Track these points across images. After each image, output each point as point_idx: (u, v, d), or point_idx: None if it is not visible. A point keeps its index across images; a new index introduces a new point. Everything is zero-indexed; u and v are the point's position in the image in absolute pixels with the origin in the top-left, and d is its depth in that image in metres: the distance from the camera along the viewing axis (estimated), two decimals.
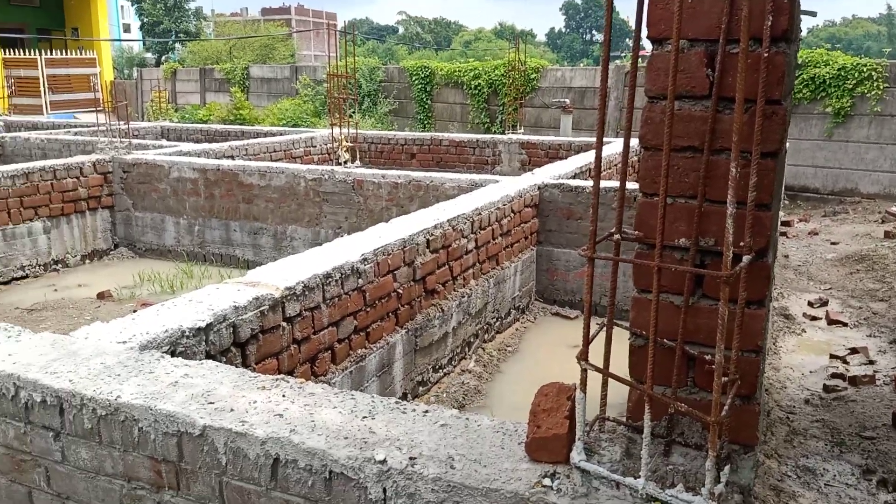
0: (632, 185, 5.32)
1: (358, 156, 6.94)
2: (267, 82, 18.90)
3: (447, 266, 4.29)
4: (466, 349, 4.64)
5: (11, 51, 21.40)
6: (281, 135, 10.55)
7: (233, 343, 2.70)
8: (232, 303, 2.70)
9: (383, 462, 1.62)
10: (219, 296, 2.78)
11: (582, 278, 5.60)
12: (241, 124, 14.84)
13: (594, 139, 9.78)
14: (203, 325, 2.53)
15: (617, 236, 1.54)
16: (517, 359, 4.89)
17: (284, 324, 2.98)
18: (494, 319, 5.02)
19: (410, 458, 1.62)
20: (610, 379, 1.56)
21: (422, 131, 13.42)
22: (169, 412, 1.85)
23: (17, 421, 2.09)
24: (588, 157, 7.26)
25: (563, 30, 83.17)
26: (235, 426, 1.78)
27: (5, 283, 6.67)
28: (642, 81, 1.52)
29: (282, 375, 2.08)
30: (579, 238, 5.56)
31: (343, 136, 8.67)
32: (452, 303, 4.36)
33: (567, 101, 11.45)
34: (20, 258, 6.79)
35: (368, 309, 3.56)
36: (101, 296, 6.15)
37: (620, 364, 1.58)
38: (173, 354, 2.39)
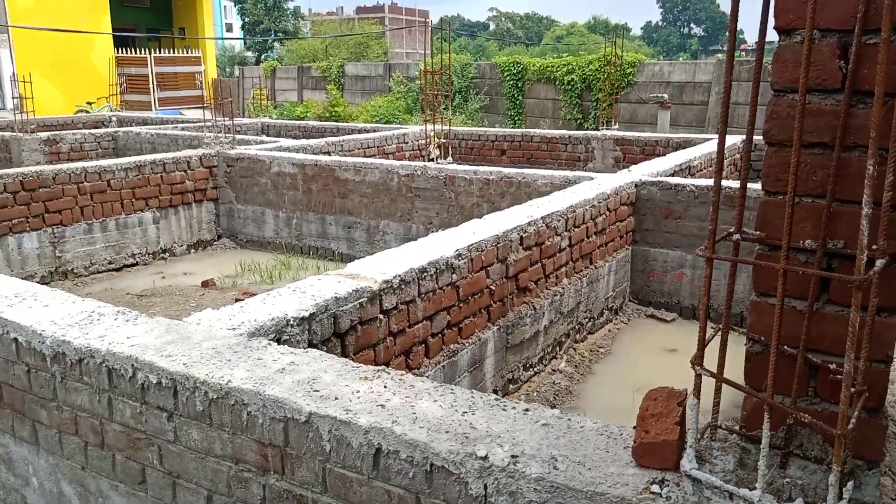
0: (728, 183, 5.09)
1: (450, 152, 6.96)
2: (361, 80, 19.30)
3: (540, 264, 4.25)
4: (557, 349, 4.59)
5: (124, 50, 22.71)
6: (374, 131, 10.74)
7: (333, 333, 2.77)
8: (333, 294, 2.77)
9: (485, 458, 1.61)
10: (320, 287, 2.85)
11: (679, 280, 5.42)
12: (335, 121, 15.23)
13: (694, 136, 9.49)
14: (306, 314, 2.61)
15: (737, 236, 1.47)
16: (610, 360, 4.79)
17: (381, 316, 3.03)
18: (587, 319, 4.94)
19: (512, 457, 1.61)
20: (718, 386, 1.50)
21: (512, 127, 13.37)
22: (277, 398, 1.91)
23: (134, 401, 2.22)
24: (688, 154, 7.02)
25: (660, 23, 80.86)
26: (340, 414, 1.82)
27: (117, 270, 7.09)
28: (741, 76, 1.45)
29: (382, 367, 2.11)
30: (677, 238, 5.38)
31: (434, 133, 8.74)
32: (545, 301, 4.32)
33: (665, 96, 11.12)
34: (131, 246, 7.20)
35: (461, 304, 3.57)
36: (205, 284, 6.44)
37: (728, 370, 1.51)
38: (278, 342, 2.47)
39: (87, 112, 18.12)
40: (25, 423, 2.55)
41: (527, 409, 1.82)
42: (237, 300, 5.85)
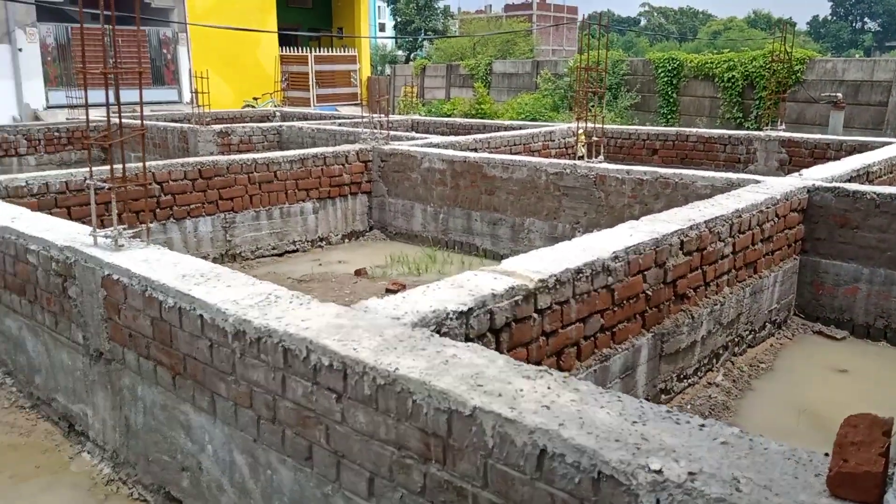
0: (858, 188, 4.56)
1: (602, 151, 6.80)
2: (508, 77, 19.33)
3: (700, 270, 4.05)
4: (714, 361, 4.36)
5: (287, 49, 24.13)
6: (520, 129, 10.72)
7: (488, 329, 2.78)
8: (490, 290, 2.78)
9: (659, 472, 1.55)
10: (478, 282, 2.88)
11: (853, 295, 4.98)
12: (482, 118, 15.36)
13: (871, 139, 8.68)
14: (465, 309, 2.64)
15: None
16: (771, 377, 4.49)
17: (535, 315, 3.01)
18: (747, 332, 4.65)
19: (689, 473, 1.53)
20: None
21: (665, 126, 12.87)
22: (442, 389, 1.94)
23: (306, 381, 2.33)
24: (866, 159, 6.43)
25: (829, 17, 74.80)
26: (504, 412, 1.82)
27: (279, 255, 7.55)
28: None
29: (545, 368, 2.09)
30: (853, 249, 4.94)
31: (583, 131, 8.59)
32: (703, 310, 4.11)
33: (839, 95, 10.26)
34: (293, 234, 7.64)
35: (616, 308, 3.47)
36: (357, 272, 6.71)
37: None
38: (439, 333, 2.51)
39: (253, 107, 19.45)
40: (205, 394, 2.77)
41: (703, 425, 1.74)
42: (387, 290, 6.08)
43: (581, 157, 8.12)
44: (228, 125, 11.63)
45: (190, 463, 2.91)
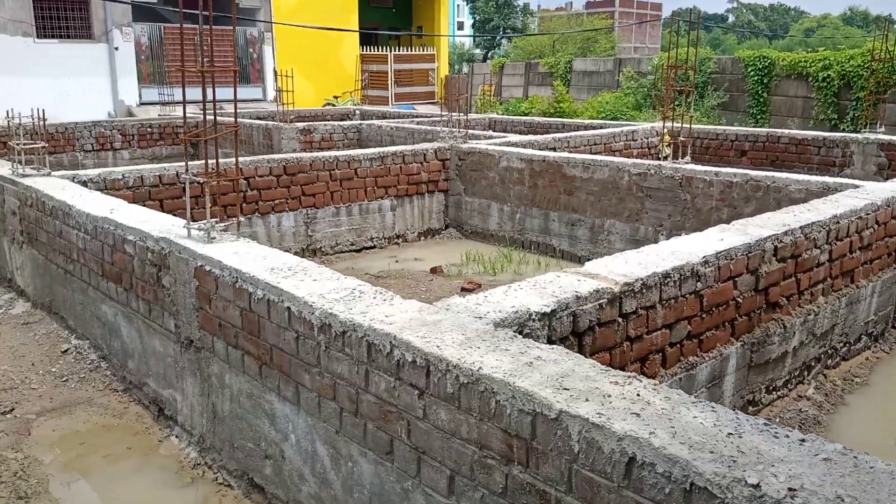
0: None
1: (689, 151, 6.60)
2: (588, 75, 19.04)
3: (794, 278, 3.87)
4: (805, 373, 4.16)
5: (367, 48, 24.50)
6: (601, 128, 10.53)
7: (571, 332, 2.73)
8: (574, 292, 2.73)
9: (756, 487, 1.48)
10: (561, 284, 2.83)
11: None
12: (560, 117, 15.19)
13: None
14: (548, 310, 2.60)
15: None
16: (866, 392, 4.25)
17: (620, 319, 2.94)
18: (842, 344, 4.42)
19: (790, 489, 1.46)
20: None
21: (754, 126, 12.39)
22: (526, 391, 1.92)
23: (389, 375, 2.35)
24: None
25: None
26: (592, 417, 1.78)
27: (357, 251, 7.68)
28: None
29: (633, 374, 2.03)
30: None
31: (667, 131, 8.35)
32: (796, 319, 3.93)
33: None
34: (371, 230, 7.75)
35: (704, 315, 3.36)
36: (433, 270, 6.74)
37: None
38: (520, 334, 2.48)
39: (334, 105, 19.84)
40: (290, 385, 2.83)
41: (803, 440, 1.65)
42: (463, 288, 6.08)
43: (665, 158, 7.92)
44: (310, 123, 11.90)
45: (273, 451, 2.98)
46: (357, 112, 15.17)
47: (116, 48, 18.66)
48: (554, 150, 8.43)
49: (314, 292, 2.73)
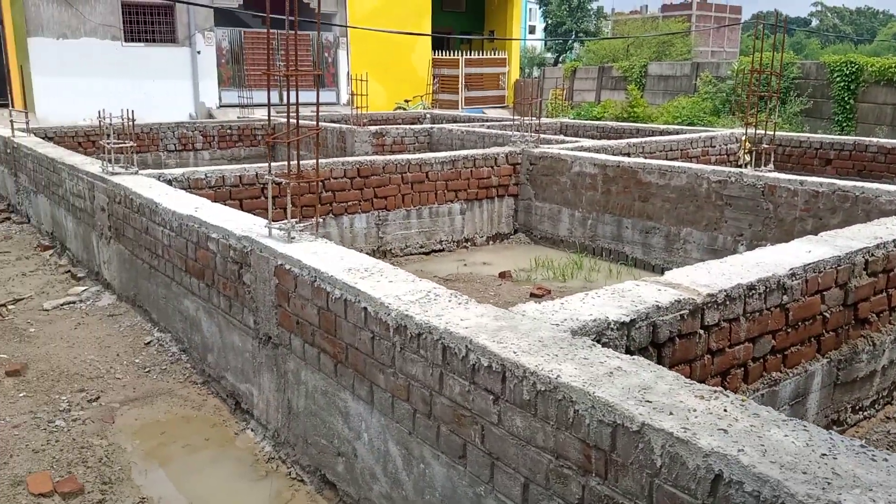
0: None
1: (771, 159, 6.37)
2: (664, 80, 18.64)
3: (885, 293, 3.68)
4: (895, 393, 3.94)
5: (439, 52, 24.67)
6: (677, 133, 10.28)
7: (650, 342, 2.67)
8: (654, 302, 2.67)
9: None
10: (640, 293, 2.77)
11: None
12: (634, 122, 14.91)
13: None
14: (627, 319, 2.55)
15: None
16: None
17: (701, 331, 2.86)
18: None
19: None
20: None
21: (839, 134, 11.86)
22: (607, 401, 1.88)
23: (464, 379, 2.35)
24: None
25: None
26: (676, 431, 1.73)
27: (426, 254, 7.72)
28: None
29: (720, 388, 1.97)
30: None
31: (746, 137, 8.09)
32: (886, 337, 3.73)
33: None
34: (440, 234, 7.78)
35: (789, 330, 3.23)
36: (502, 275, 6.72)
37: None
38: (598, 343, 2.44)
39: (405, 109, 20.07)
40: (364, 384, 2.86)
41: None
42: (532, 294, 6.03)
43: (744, 165, 7.67)
44: (383, 126, 12.06)
45: (346, 449, 3.02)
46: (428, 116, 15.29)
47: (199, 52, 19.38)
48: (628, 155, 8.28)
49: (390, 293, 2.75)
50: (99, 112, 5.96)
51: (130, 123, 5.63)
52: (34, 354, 4.60)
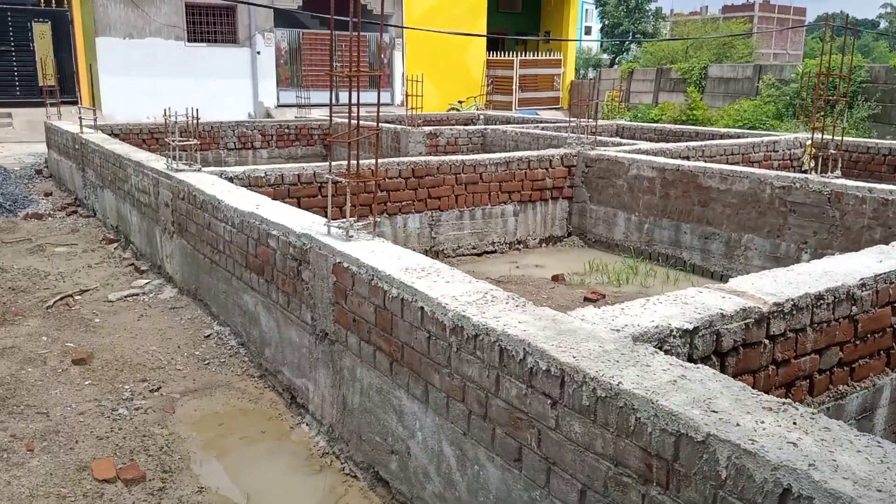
0: None
1: (838, 165, 6.15)
2: (725, 82, 18.21)
3: None
4: None
5: (494, 53, 24.62)
6: (738, 137, 10.03)
7: (713, 351, 2.61)
8: (718, 310, 2.61)
9: None
10: (703, 300, 2.71)
11: None
12: (693, 124, 14.61)
13: None
14: (690, 327, 2.49)
15: None
16: None
17: (767, 341, 2.78)
18: None
19: None
20: None
21: None
22: (670, 410, 1.84)
23: (521, 382, 2.33)
24: None
25: None
26: (743, 443, 1.68)
27: (478, 255, 7.71)
28: None
29: (788, 400, 1.91)
30: None
31: (810, 142, 7.84)
32: None
33: None
34: (492, 235, 7.76)
35: (857, 342, 3.11)
36: (554, 278, 6.66)
37: None
38: (660, 350, 2.39)
39: (458, 110, 20.11)
40: (419, 383, 2.87)
41: None
42: (586, 298, 5.97)
43: (808, 171, 7.44)
44: (436, 127, 12.10)
45: (399, 447, 3.04)
46: (481, 117, 15.28)
47: (258, 52, 19.79)
48: (687, 158, 8.12)
49: (447, 294, 2.75)
50: (165, 110, 6.14)
51: (195, 122, 5.78)
52: (99, 344, 4.77)
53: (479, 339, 2.49)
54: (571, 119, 9.82)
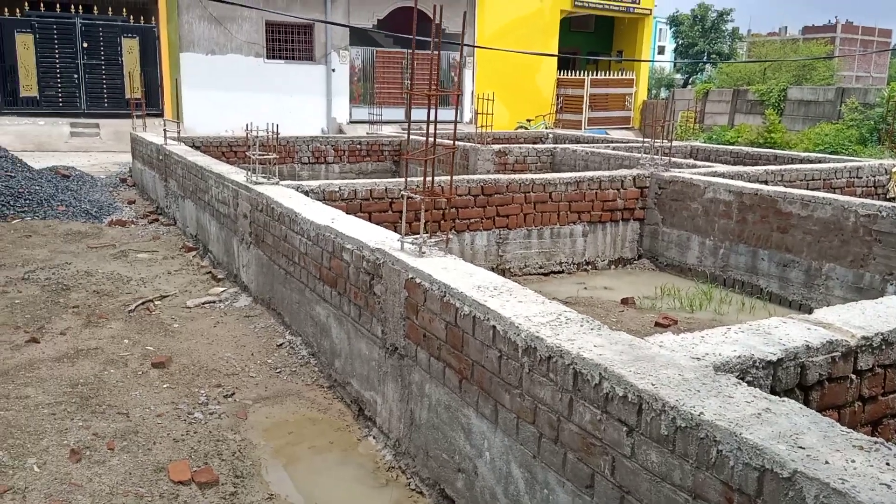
0: None
1: None
2: (805, 105, 17.63)
3: None
4: None
5: (565, 72, 24.53)
6: (819, 162, 9.68)
7: (797, 384, 2.51)
8: (804, 342, 2.51)
9: None
10: (787, 331, 2.62)
11: None
12: (771, 147, 14.18)
13: None
14: (774, 358, 2.41)
15: None
16: None
17: (853, 376, 2.66)
18: None
19: None
20: None
21: None
22: (755, 444, 1.78)
23: (595, 407, 2.30)
24: None
25: None
26: (833, 481, 1.61)
27: (545, 275, 7.66)
28: None
29: (880, 439, 1.82)
30: None
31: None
32: None
33: None
34: (560, 255, 7.70)
35: None
36: (624, 301, 6.54)
37: None
38: (742, 381, 2.32)
39: (526, 128, 20.08)
40: (489, 402, 2.86)
41: None
42: (657, 323, 5.84)
43: (894, 199, 7.12)
44: (505, 145, 12.13)
45: (466, 466, 3.03)
46: (550, 136, 15.23)
47: (333, 70, 20.30)
48: (766, 183, 7.88)
49: (520, 314, 2.74)
50: (247, 125, 6.36)
51: (276, 137, 5.97)
52: (177, 349, 4.94)
53: (552, 361, 2.47)
54: (644, 140, 9.67)
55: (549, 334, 2.54)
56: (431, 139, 3.42)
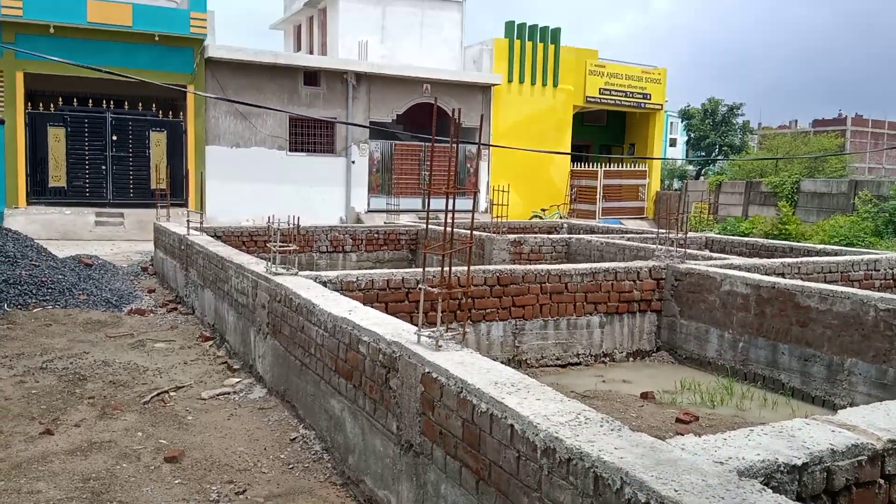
0: None
1: None
2: (818, 197, 17.78)
3: None
4: None
5: (578, 163, 25.03)
6: (836, 254, 9.68)
7: (824, 490, 2.44)
8: (829, 445, 2.45)
9: None
10: (811, 433, 2.56)
11: None
12: (785, 239, 14.21)
13: None
14: (799, 463, 2.35)
15: None
16: None
17: (882, 481, 2.57)
18: None
19: None
20: None
21: None
22: None
23: None
24: None
25: None
26: None
27: (562, 366, 7.57)
28: None
29: None
30: None
31: None
32: None
33: None
34: (577, 346, 7.64)
35: None
36: (644, 395, 6.42)
37: None
38: (767, 487, 2.26)
39: (541, 218, 20.34)
40: None
41: None
42: (678, 420, 5.71)
43: None
44: (520, 235, 12.26)
45: None
46: (564, 225, 15.39)
47: (353, 161, 20.88)
48: (783, 275, 7.87)
49: (538, 412, 2.71)
50: (268, 218, 6.51)
51: (297, 229, 6.09)
52: (190, 442, 4.89)
53: (572, 464, 2.42)
54: (659, 231, 9.75)
55: (569, 435, 2.50)
56: (449, 231, 3.48)
